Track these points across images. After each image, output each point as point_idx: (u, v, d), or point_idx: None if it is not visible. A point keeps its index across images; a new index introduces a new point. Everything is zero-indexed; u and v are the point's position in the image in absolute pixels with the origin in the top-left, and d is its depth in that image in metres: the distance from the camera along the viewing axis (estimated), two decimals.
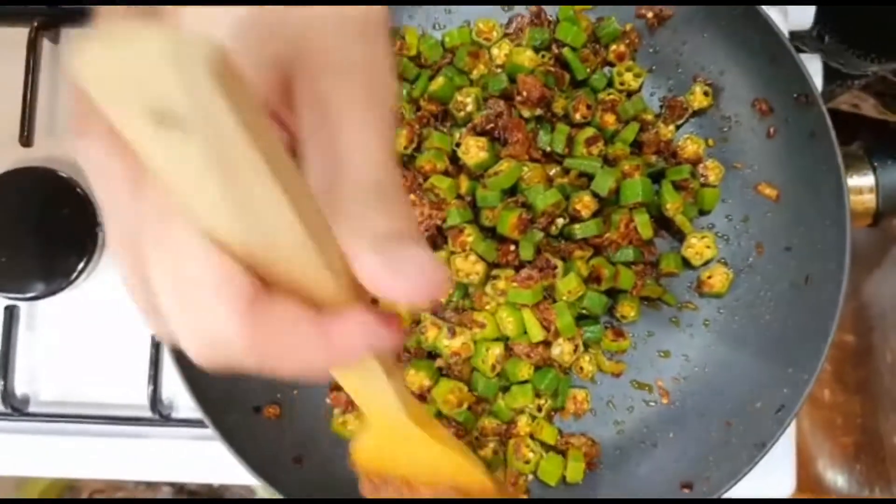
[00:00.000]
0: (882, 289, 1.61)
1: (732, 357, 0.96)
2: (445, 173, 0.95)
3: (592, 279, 0.94)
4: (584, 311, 0.94)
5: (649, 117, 0.99)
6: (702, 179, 0.98)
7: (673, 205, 0.95)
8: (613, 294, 0.96)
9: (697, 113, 1.00)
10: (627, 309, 0.95)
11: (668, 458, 0.94)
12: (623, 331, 0.97)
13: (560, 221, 0.94)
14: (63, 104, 1.05)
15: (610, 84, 1.00)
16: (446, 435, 0.69)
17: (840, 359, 1.62)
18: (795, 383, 0.88)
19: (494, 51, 0.99)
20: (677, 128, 1.00)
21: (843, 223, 0.87)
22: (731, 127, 0.99)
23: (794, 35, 1.01)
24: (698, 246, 0.97)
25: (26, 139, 1.02)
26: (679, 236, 0.98)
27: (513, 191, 0.93)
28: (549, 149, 0.96)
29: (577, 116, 0.96)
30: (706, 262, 0.98)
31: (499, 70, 0.99)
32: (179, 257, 0.30)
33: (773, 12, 0.94)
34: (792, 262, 0.94)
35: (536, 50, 0.98)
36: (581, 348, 0.94)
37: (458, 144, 0.94)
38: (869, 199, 0.91)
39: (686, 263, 0.98)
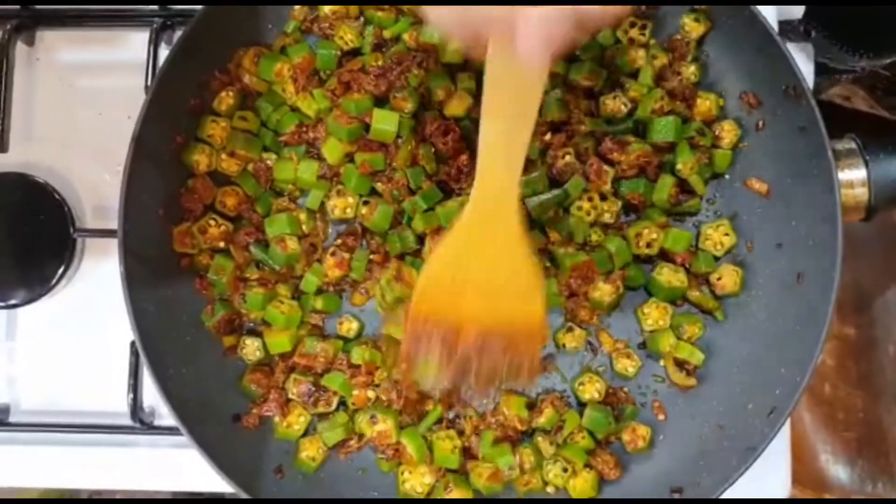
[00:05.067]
0: (884, 281, 1.59)
1: (723, 357, 0.94)
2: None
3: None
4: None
5: (664, 61, 0.95)
6: (715, 141, 0.95)
7: (686, 164, 0.93)
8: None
9: (701, 41, 0.96)
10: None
11: (658, 462, 0.92)
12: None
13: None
14: (39, 108, 1.03)
15: (618, 41, 0.97)
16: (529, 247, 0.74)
17: (841, 352, 1.59)
18: (788, 384, 0.85)
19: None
20: (699, 65, 0.95)
21: (835, 218, 0.84)
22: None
23: (783, 26, 0.98)
24: (715, 236, 0.94)
25: (1, 145, 1.00)
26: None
27: None
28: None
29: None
30: (728, 251, 0.94)
31: None
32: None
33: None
34: (783, 259, 0.91)
35: None
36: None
37: None
38: (861, 193, 0.88)
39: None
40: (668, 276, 0.93)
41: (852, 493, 1.53)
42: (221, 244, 0.95)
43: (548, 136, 0.94)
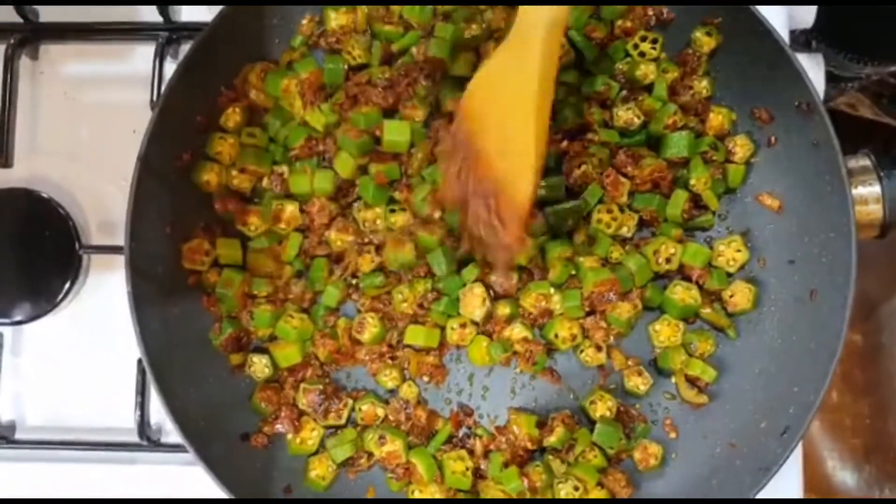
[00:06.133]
0: (891, 287, 1.58)
1: (735, 374, 0.93)
2: None
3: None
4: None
5: (675, 75, 0.95)
6: (728, 156, 0.94)
7: (699, 179, 0.92)
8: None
9: (713, 55, 0.95)
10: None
11: (669, 481, 0.92)
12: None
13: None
14: (44, 122, 1.02)
15: (628, 55, 0.97)
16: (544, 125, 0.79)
17: (848, 359, 1.58)
18: (801, 403, 0.85)
19: (489, 14, 0.96)
20: (711, 79, 0.95)
21: (849, 235, 0.84)
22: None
23: (792, 36, 0.97)
24: (728, 252, 0.94)
25: (5, 160, 1.00)
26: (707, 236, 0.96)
27: None
28: None
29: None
30: (741, 267, 0.94)
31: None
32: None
33: (771, 13, 0.90)
34: (796, 275, 0.91)
35: None
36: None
37: None
38: (875, 210, 0.87)
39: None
40: (681, 294, 0.92)
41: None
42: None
43: (564, 144, 0.94)
